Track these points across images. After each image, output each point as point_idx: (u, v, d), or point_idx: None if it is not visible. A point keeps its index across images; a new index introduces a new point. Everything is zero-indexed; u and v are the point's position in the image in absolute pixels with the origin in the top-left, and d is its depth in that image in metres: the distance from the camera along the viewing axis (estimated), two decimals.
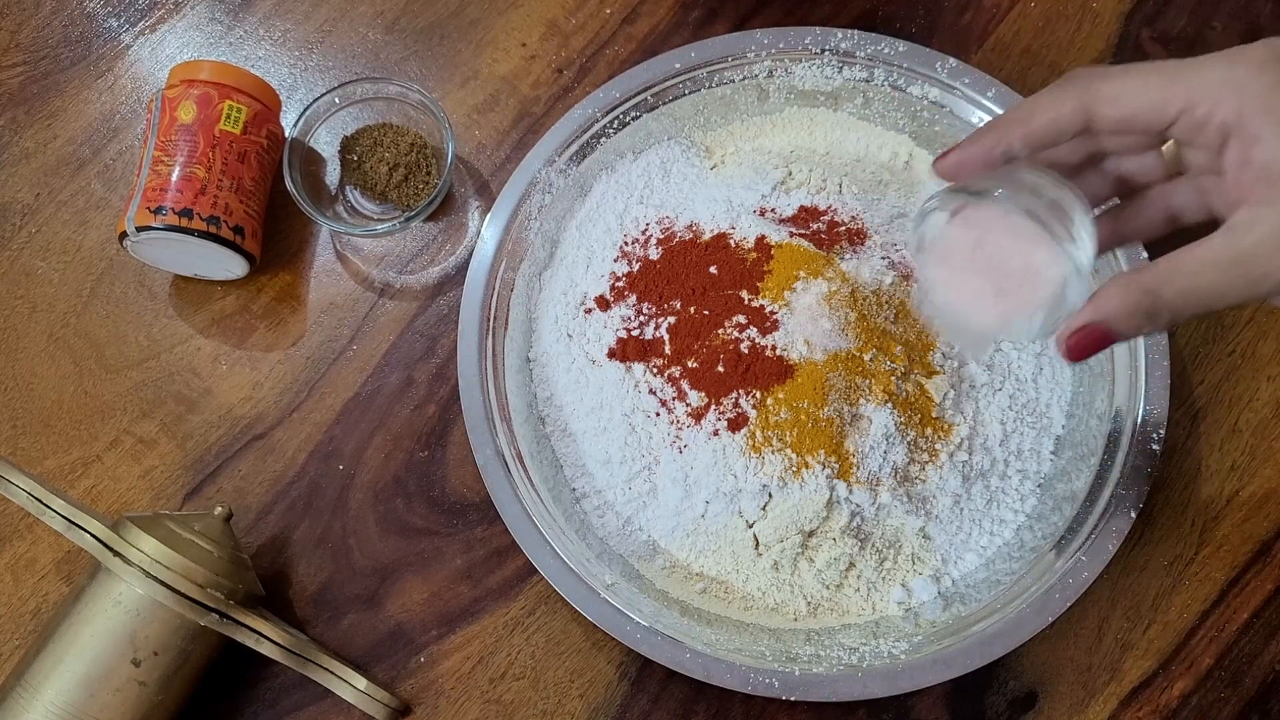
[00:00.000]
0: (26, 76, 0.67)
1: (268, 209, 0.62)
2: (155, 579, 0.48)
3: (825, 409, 0.51)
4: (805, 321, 0.53)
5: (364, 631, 0.56)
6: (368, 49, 0.67)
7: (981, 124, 0.53)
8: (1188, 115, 0.35)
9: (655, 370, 0.55)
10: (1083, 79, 0.36)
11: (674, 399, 0.54)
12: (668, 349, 0.55)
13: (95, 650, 0.49)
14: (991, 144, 0.38)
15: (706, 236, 0.57)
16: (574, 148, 0.59)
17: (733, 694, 0.53)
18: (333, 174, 0.63)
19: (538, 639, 0.56)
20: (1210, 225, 0.36)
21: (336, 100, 0.61)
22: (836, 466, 0.52)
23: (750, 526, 0.53)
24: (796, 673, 0.50)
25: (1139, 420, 0.53)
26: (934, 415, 0.53)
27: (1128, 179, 0.41)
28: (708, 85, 0.61)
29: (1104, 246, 0.41)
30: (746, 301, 0.54)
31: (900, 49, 0.59)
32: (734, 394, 0.52)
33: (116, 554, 0.49)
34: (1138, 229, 0.41)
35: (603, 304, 0.57)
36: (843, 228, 0.57)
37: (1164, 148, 0.39)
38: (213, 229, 0.57)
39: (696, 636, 0.51)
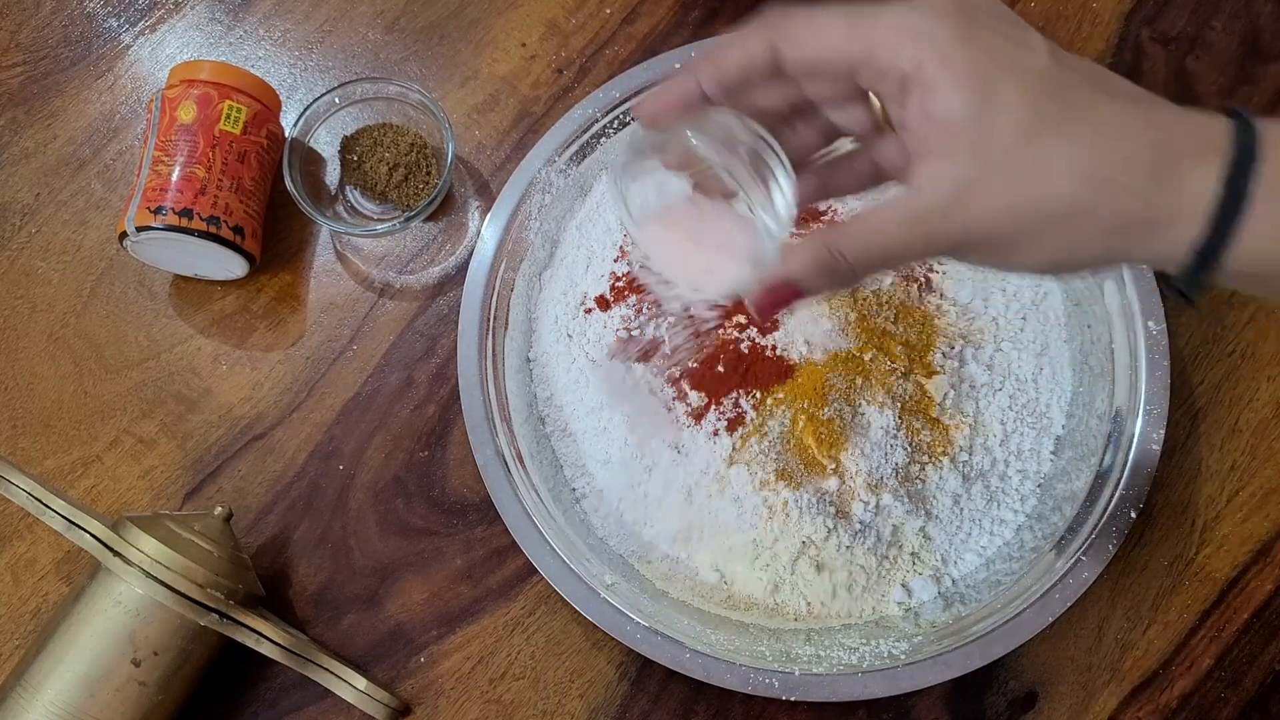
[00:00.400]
0: (26, 76, 0.67)
1: (268, 209, 0.62)
2: (155, 579, 0.48)
3: (825, 409, 0.51)
4: (805, 321, 0.53)
5: (364, 631, 0.56)
6: (368, 49, 0.67)
7: None
8: (869, 63, 0.33)
9: (655, 370, 0.55)
10: (773, 18, 0.34)
11: (674, 399, 0.54)
12: (668, 349, 0.55)
13: (95, 650, 0.49)
14: (685, 85, 0.36)
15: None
16: (574, 148, 0.59)
17: (733, 694, 0.53)
18: (333, 174, 0.63)
19: (538, 639, 0.56)
20: None
21: (336, 100, 0.61)
22: (836, 467, 0.52)
23: (750, 526, 0.52)
24: (796, 673, 0.50)
25: (1139, 420, 0.53)
26: (934, 415, 0.53)
27: (837, 130, 0.39)
28: None
29: (811, 198, 0.40)
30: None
31: None
32: (734, 394, 0.52)
33: (116, 554, 0.49)
34: (844, 183, 0.40)
35: (603, 304, 0.57)
36: None
37: (871, 100, 0.37)
38: (213, 229, 0.57)
39: (696, 636, 0.51)
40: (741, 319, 0.54)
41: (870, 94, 0.36)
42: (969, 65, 0.31)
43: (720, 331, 0.54)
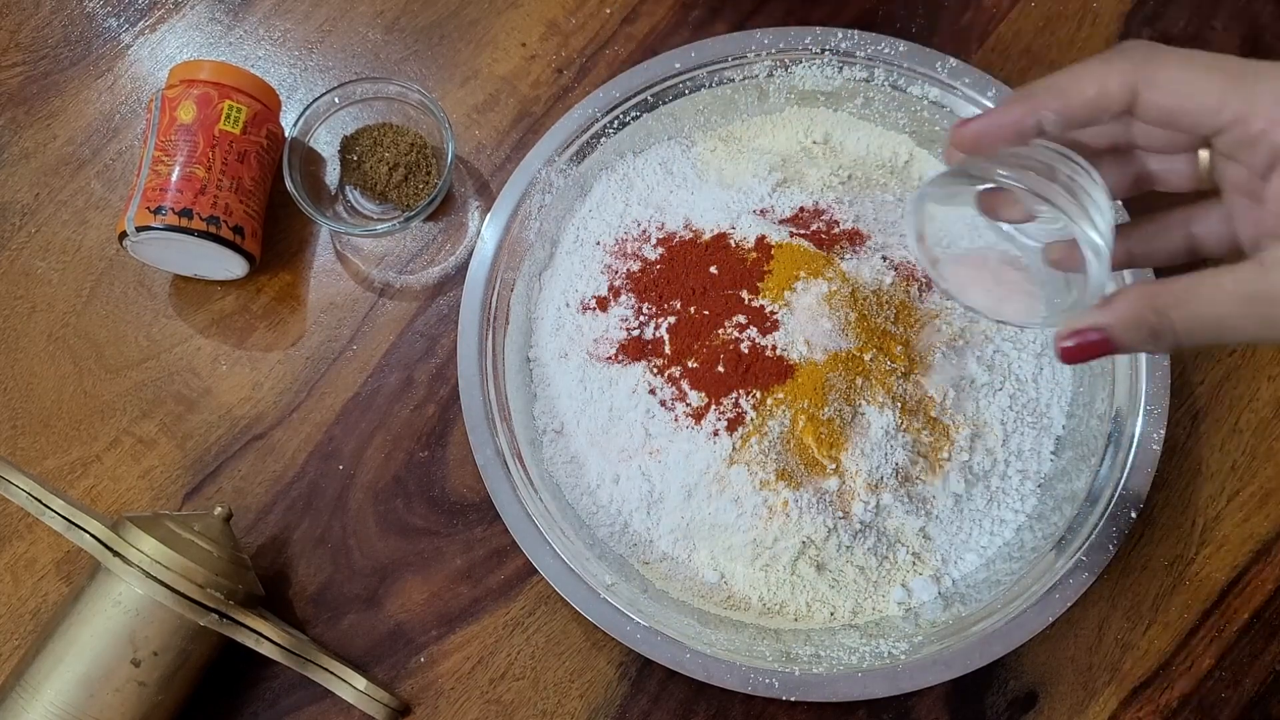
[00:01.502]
0: (26, 76, 0.67)
1: (268, 209, 0.62)
2: (155, 579, 0.48)
3: (825, 409, 0.51)
4: (805, 321, 0.53)
5: (364, 631, 0.56)
6: (368, 49, 0.67)
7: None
8: (1241, 126, 0.31)
9: (655, 370, 0.55)
10: (1139, 53, 0.32)
11: (674, 399, 0.54)
12: (668, 349, 0.55)
13: (95, 650, 0.49)
14: (1022, 115, 0.33)
15: (706, 236, 0.57)
16: (574, 148, 0.59)
17: (733, 694, 0.53)
18: (333, 174, 0.63)
19: (538, 639, 0.56)
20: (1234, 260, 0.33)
21: (336, 100, 0.61)
22: (836, 467, 0.52)
23: (750, 526, 0.52)
24: (796, 673, 0.50)
25: (1139, 420, 0.53)
26: (934, 415, 0.53)
27: (1151, 178, 0.37)
28: (708, 85, 0.61)
29: (1113, 265, 0.37)
30: (746, 301, 0.54)
31: (900, 49, 0.59)
32: (734, 394, 0.52)
33: (116, 554, 0.49)
34: (1151, 252, 0.38)
35: (603, 304, 0.57)
36: (843, 228, 0.57)
37: (1200, 154, 0.35)
38: (212, 229, 0.57)
39: (696, 637, 0.51)
40: (741, 319, 0.54)
41: (1201, 151, 0.34)
42: None
43: (720, 331, 0.54)
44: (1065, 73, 0.33)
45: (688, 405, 0.53)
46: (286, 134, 0.61)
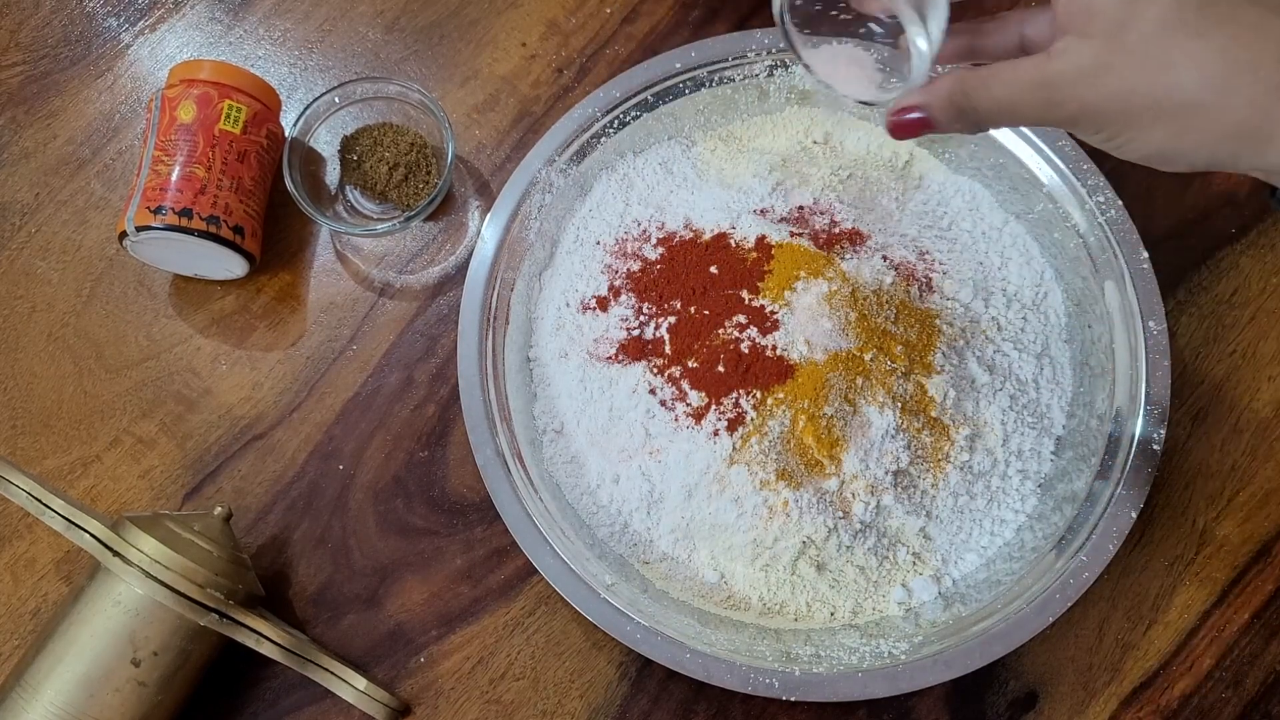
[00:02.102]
0: (26, 76, 0.67)
1: (268, 209, 0.62)
2: (155, 579, 0.48)
3: (825, 409, 0.51)
4: (805, 321, 0.53)
5: (364, 632, 0.56)
6: (367, 49, 0.67)
7: None
8: None
9: (655, 370, 0.55)
10: None
11: (674, 399, 0.54)
12: (668, 349, 0.55)
13: (95, 650, 0.48)
14: None
15: (707, 236, 0.57)
16: (574, 147, 0.59)
17: (733, 694, 0.53)
18: (333, 174, 0.63)
19: (538, 639, 0.56)
20: None
21: (336, 100, 0.61)
22: (837, 467, 0.52)
23: (750, 526, 0.52)
24: (797, 673, 0.50)
25: (1139, 420, 0.53)
26: (934, 416, 0.53)
27: None
28: (708, 85, 0.61)
29: (953, 58, 0.42)
30: (747, 301, 0.54)
31: None
32: (734, 394, 0.52)
33: (116, 554, 0.49)
34: (989, 48, 0.42)
35: (603, 304, 0.57)
36: (843, 227, 0.57)
37: None
38: (212, 229, 0.57)
39: (696, 636, 0.51)
40: (741, 319, 0.54)
41: None
42: None
43: (720, 331, 0.54)
44: None
45: (688, 405, 0.53)
46: (287, 133, 0.61)
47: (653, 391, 0.54)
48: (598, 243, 0.59)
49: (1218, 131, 0.33)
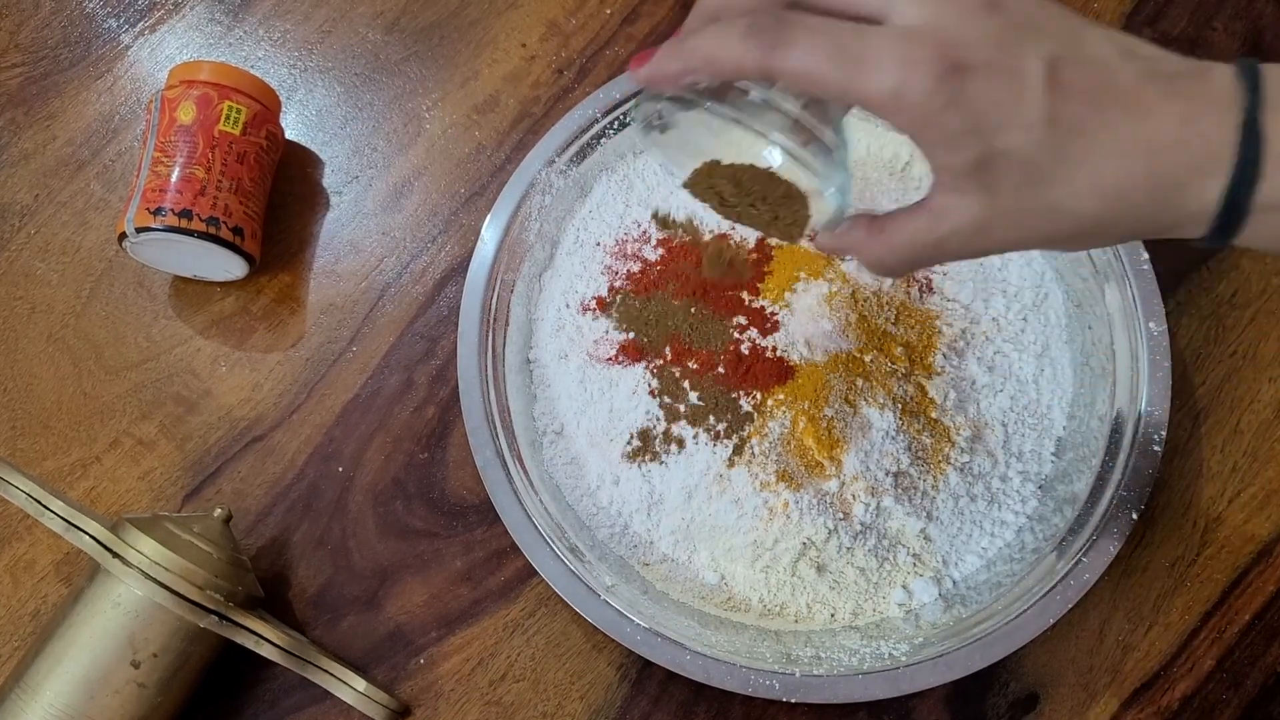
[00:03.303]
0: (26, 77, 0.67)
1: (267, 210, 0.62)
2: (154, 581, 0.48)
3: (826, 410, 0.51)
4: (806, 322, 0.53)
5: (363, 633, 0.56)
6: (368, 49, 0.67)
7: None
8: (868, 107, 0.33)
9: (655, 371, 0.55)
10: (766, 35, 0.33)
11: (674, 400, 0.54)
12: (668, 350, 0.55)
13: (94, 652, 0.48)
14: (680, 70, 0.35)
15: (707, 237, 0.57)
16: (574, 148, 0.59)
17: (733, 696, 0.53)
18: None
19: (538, 641, 0.56)
20: None
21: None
22: (837, 468, 0.52)
23: (750, 528, 0.52)
24: (797, 674, 0.50)
25: (1140, 421, 0.53)
26: (934, 417, 0.53)
27: None
28: None
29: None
30: (747, 302, 0.54)
31: None
32: (734, 395, 0.52)
33: (116, 555, 0.49)
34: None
35: (603, 305, 0.57)
36: None
37: None
38: (212, 230, 0.57)
39: (696, 638, 0.51)
40: (742, 320, 0.54)
41: None
42: (960, 128, 0.32)
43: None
44: (711, 38, 0.34)
45: (688, 406, 0.53)
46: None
47: (653, 393, 0.54)
48: (598, 244, 0.59)
49: (1118, 236, 0.34)
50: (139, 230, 0.56)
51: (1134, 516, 0.51)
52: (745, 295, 0.54)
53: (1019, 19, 0.32)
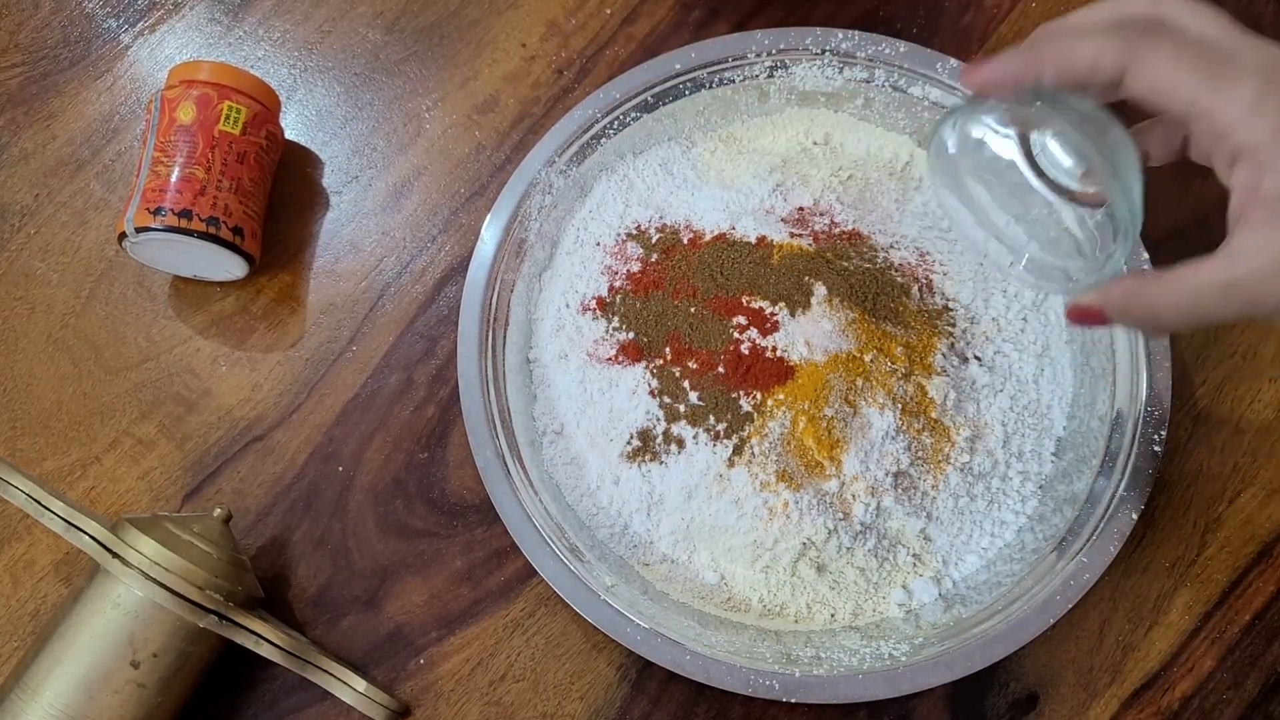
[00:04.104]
0: (25, 77, 0.67)
1: (268, 209, 0.62)
2: (154, 581, 0.48)
3: (826, 410, 0.51)
4: (806, 323, 0.53)
5: (363, 633, 0.56)
6: (368, 49, 0.67)
7: None
8: (1208, 120, 0.33)
9: (655, 371, 0.54)
10: (1137, 32, 0.34)
11: (674, 400, 0.54)
12: (668, 350, 0.55)
13: (94, 652, 0.48)
14: (1023, 69, 0.36)
15: (707, 237, 0.57)
16: (574, 148, 0.59)
17: (733, 696, 0.53)
18: None
19: (537, 641, 0.56)
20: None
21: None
22: (837, 468, 0.52)
23: (750, 528, 0.52)
24: (797, 674, 0.50)
25: (1140, 422, 0.53)
26: (935, 417, 0.53)
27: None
28: (708, 86, 0.61)
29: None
30: (746, 302, 0.54)
31: (901, 49, 0.59)
32: (734, 395, 0.52)
33: (115, 555, 0.49)
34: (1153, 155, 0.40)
35: (603, 305, 0.57)
36: (843, 228, 0.57)
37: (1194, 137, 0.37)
38: (212, 230, 0.57)
39: (696, 638, 0.51)
40: (742, 319, 0.54)
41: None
42: None
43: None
44: (1066, 35, 0.35)
45: (687, 406, 0.53)
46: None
47: (653, 393, 0.54)
48: (598, 244, 0.59)
49: None
50: (139, 230, 0.56)
51: (1134, 516, 0.51)
52: (745, 295, 0.54)
53: None
